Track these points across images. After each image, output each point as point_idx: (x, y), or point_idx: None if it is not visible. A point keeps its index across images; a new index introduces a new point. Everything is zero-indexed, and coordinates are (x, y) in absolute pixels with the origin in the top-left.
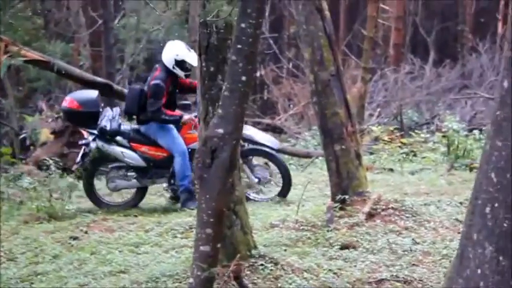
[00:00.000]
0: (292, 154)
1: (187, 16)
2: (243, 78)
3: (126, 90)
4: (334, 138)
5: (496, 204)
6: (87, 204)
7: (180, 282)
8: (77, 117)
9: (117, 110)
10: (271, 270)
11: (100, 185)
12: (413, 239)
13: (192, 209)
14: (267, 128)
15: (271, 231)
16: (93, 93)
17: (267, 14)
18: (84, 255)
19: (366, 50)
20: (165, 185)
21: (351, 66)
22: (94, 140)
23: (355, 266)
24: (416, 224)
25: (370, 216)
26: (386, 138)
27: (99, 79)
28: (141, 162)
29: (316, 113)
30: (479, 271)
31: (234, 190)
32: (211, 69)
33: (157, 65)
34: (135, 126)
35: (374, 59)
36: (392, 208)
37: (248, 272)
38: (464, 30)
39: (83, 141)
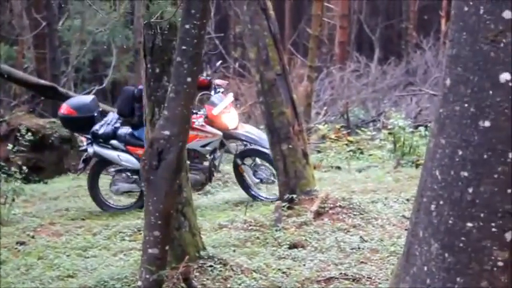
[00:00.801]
0: None
1: (132, 17)
2: (188, 79)
3: (71, 93)
4: (281, 138)
5: (441, 202)
6: (33, 208)
7: (129, 286)
8: (72, 123)
9: (114, 115)
10: (220, 271)
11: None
12: (361, 237)
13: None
14: None
15: (220, 232)
16: (87, 98)
17: (212, 14)
18: (31, 260)
19: (312, 49)
20: None
21: (297, 65)
22: (89, 144)
23: (304, 265)
24: (364, 221)
25: (318, 214)
26: (333, 136)
27: (43, 82)
28: (138, 165)
29: (263, 112)
30: (425, 268)
31: (182, 191)
32: (157, 70)
33: None
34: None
35: (320, 57)
36: (340, 206)
37: (197, 274)
38: (409, 28)
39: (83, 147)
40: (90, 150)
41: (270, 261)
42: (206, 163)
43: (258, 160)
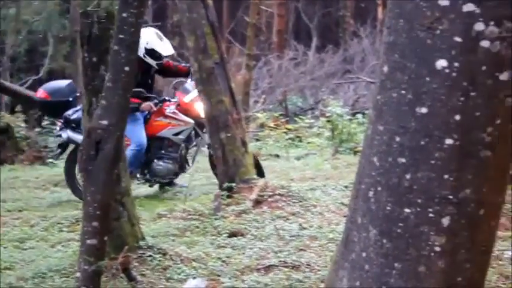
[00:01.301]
0: None
1: (68, 6)
2: (126, 68)
3: (7, 83)
4: (219, 126)
5: (379, 188)
6: None
7: (68, 277)
8: (47, 107)
9: None
10: (159, 260)
11: None
12: (300, 224)
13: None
14: None
15: (159, 222)
16: (63, 83)
17: (149, 2)
18: None
19: (250, 37)
20: (138, 175)
21: (235, 54)
22: (62, 129)
23: (243, 253)
24: (303, 209)
25: (258, 203)
26: (271, 124)
27: None
28: None
29: (202, 100)
30: (364, 254)
31: (120, 181)
32: (94, 59)
33: None
34: None
35: (258, 45)
36: (279, 194)
37: (136, 264)
38: (346, 16)
39: (57, 132)
40: (64, 135)
41: (209, 250)
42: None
43: None
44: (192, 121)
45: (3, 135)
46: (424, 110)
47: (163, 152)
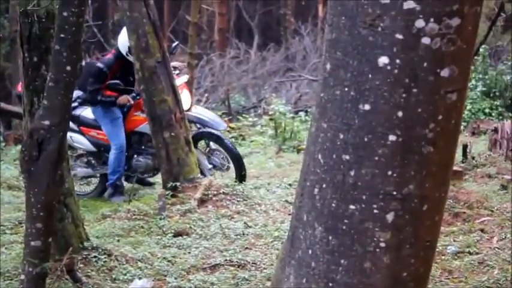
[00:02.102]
0: None
1: (7, 5)
2: (68, 68)
3: None
4: (163, 125)
5: (324, 185)
6: None
7: (11, 280)
8: None
9: (77, 92)
10: (104, 261)
11: None
12: (245, 223)
13: (118, 203)
14: None
15: (104, 222)
16: None
17: (89, 1)
18: None
19: (191, 36)
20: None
21: (177, 53)
22: None
23: (189, 252)
24: (247, 207)
25: (202, 202)
26: None
27: None
28: (90, 147)
29: (144, 100)
30: (310, 252)
31: (64, 182)
32: (35, 59)
33: (114, 48)
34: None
35: (199, 44)
36: (223, 193)
37: (81, 265)
38: (287, 14)
39: None
40: None
41: (155, 250)
42: None
43: (212, 144)
44: None
45: None
46: (367, 107)
47: (142, 147)
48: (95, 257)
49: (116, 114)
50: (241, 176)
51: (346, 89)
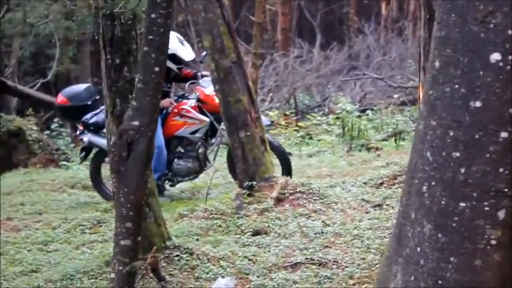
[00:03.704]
0: None
1: (73, 8)
2: (156, 69)
3: (20, 87)
4: (238, 125)
5: (433, 183)
6: None
7: (96, 279)
8: (66, 112)
9: None
10: (187, 260)
11: None
12: (323, 221)
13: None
14: None
15: (181, 222)
16: (80, 87)
17: None
18: None
19: (256, 36)
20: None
21: (241, 53)
22: (82, 133)
23: (269, 251)
24: (324, 206)
25: (279, 201)
26: (283, 122)
27: None
28: None
29: (220, 100)
30: (418, 249)
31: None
32: (117, 61)
33: None
34: None
35: (263, 44)
36: (299, 192)
37: (164, 264)
38: (350, 13)
39: (79, 136)
40: (85, 139)
41: (235, 249)
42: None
43: None
44: (207, 119)
45: (16, 139)
46: (478, 104)
47: (182, 151)
48: (177, 255)
49: None
50: (286, 167)
51: (457, 86)
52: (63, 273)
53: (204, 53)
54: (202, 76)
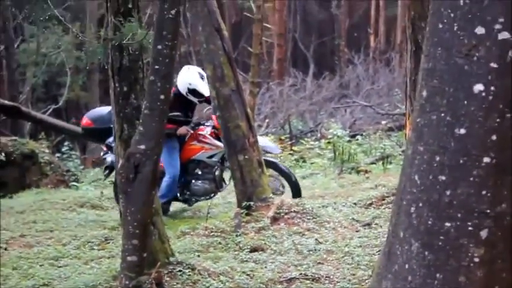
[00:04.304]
0: None
1: (83, 39)
2: (162, 96)
3: (33, 112)
4: (237, 149)
5: (420, 204)
6: (2, 222)
7: None
8: (91, 134)
9: None
10: (189, 275)
11: None
12: (316, 239)
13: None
14: None
15: (183, 239)
16: (104, 110)
17: None
18: (6, 271)
19: (253, 66)
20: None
21: (240, 81)
22: (106, 153)
23: (265, 267)
24: (317, 225)
25: (275, 220)
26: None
27: (7, 102)
28: None
29: (220, 126)
30: (406, 266)
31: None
32: (125, 89)
33: (174, 85)
34: None
35: (259, 73)
36: (294, 211)
37: (168, 279)
38: (341, 44)
39: (103, 156)
40: (108, 159)
41: (234, 265)
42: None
43: (271, 169)
44: (221, 145)
45: (29, 161)
46: (462, 131)
47: (199, 173)
48: (180, 271)
49: (173, 144)
50: (296, 190)
51: (443, 114)
52: (73, 286)
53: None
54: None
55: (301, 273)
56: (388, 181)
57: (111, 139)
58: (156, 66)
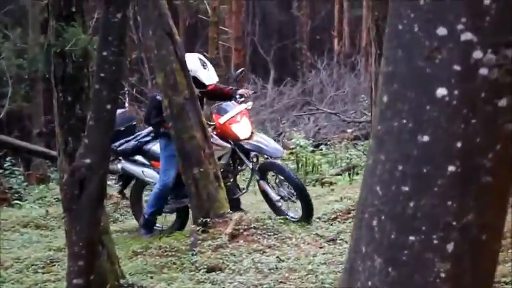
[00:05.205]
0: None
1: (25, 47)
2: (108, 106)
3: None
4: (192, 162)
5: (383, 217)
6: None
7: None
8: None
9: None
10: None
11: None
12: (277, 257)
13: (147, 240)
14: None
15: (136, 260)
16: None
17: None
18: None
19: None
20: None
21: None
22: (114, 160)
23: None
24: (278, 241)
25: (233, 237)
26: None
27: None
28: None
29: (173, 137)
30: (369, 283)
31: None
32: (69, 99)
33: None
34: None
35: None
36: (254, 228)
37: None
38: (302, 48)
39: (112, 163)
40: (118, 166)
41: (189, 286)
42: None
43: (280, 175)
44: (227, 145)
45: None
46: (425, 138)
47: None
48: None
49: (173, 151)
50: (307, 208)
51: (404, 121)
52: None
53: (240, 70)
54: (237, 97)
55: None
56: (354, 193)
57: (117, 143)
58: (102, 74)
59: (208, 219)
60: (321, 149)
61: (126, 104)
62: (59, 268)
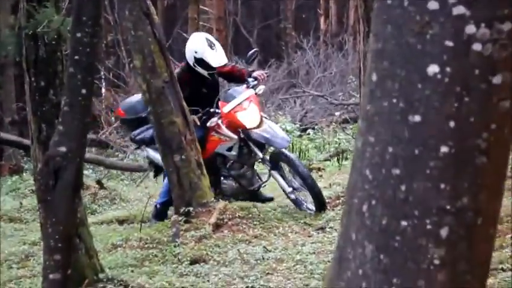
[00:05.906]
0: (123, 169)
1: None
2: (83, 91)
3: None
4: (173, 149)
5: (373, 202)
6: None
7: None
8: (125, 124)
9: None
10: None
11: None
12: (264, 247)
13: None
14: (91, 144)
15: (115, 252)
16: (133, 99)
17: None
18: None
19: None
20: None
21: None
22: (137, 148)
23: (208, 280)
24: (265, 231)
25: (218, 227)
26: None
27: None
28: None
29: (152, 123)
30: (360, 272)
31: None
32: (42, 84)
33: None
34: None
35: None
36: (239, 217)
37: None
38: (287, 28)
39: (136, 150)
40: (144, 153)
41: (172, 279)
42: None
43: (289, 167)
44: (234, 136)
45: None
46: (417, 119)
47: (225, 170)
48: None
49: None
50: (318, 202)
51: (395, 100)
52: None
53: (252, 50)
54: (250, 80)
55: (248, 286)
56: (344, 179)
57: (136, 131)
58: (76, 57)
59: (191, 209)
60: (308, 134)
61: (103, 90)
62: (34, 263)
